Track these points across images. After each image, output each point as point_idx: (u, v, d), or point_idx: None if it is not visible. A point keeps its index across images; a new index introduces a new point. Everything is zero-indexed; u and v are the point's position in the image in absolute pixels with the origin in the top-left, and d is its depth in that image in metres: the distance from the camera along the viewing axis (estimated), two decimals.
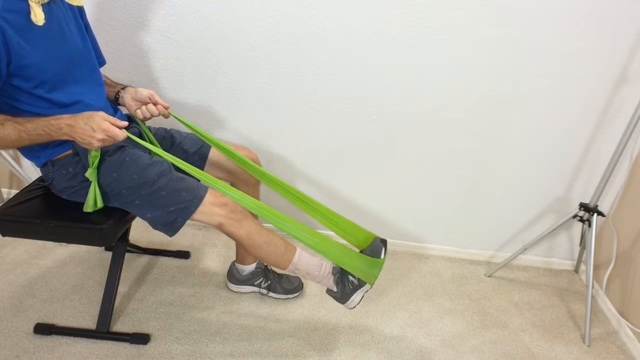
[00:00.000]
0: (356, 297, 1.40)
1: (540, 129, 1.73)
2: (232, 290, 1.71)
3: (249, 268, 1.67)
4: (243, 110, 1.79)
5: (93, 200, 1.25)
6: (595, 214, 1.68)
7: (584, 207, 1.72)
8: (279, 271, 1.72)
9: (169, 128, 1.52)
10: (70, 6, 1.24)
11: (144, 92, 1.33)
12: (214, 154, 1.50)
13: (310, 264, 1.40)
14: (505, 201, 1.91)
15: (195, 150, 1.48)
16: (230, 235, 1.32)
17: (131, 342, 1.45)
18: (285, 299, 1.70)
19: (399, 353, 1.52)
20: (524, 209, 1.93)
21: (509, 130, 1.75)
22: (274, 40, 1.63)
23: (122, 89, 1.39)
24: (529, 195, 1.89)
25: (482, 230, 2.00)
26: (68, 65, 1.20)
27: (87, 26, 1.34)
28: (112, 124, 1.11)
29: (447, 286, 1.87)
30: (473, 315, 1.72)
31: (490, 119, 1.73)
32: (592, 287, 1.73)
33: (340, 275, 1.40)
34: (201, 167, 1.49)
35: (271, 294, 1.69)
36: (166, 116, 1.36)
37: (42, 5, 1.12)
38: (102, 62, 1.41)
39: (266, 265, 1.71)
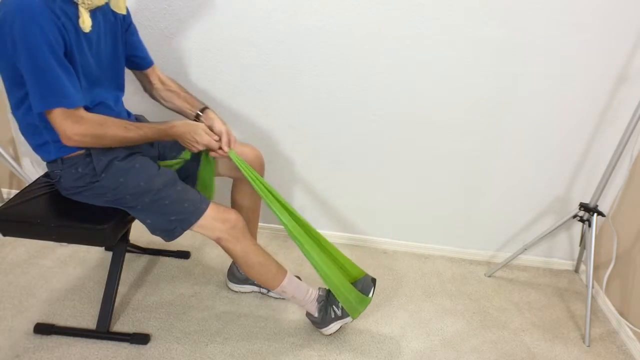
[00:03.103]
0: (335, 326, 1.51)
1: (541, 129, 1.73)
2: (232, 290, 1.71)
3: None
4: (243, 110, 1.79)
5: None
6: (595, 214, 1.68)
7: (584, 207, 1.72)
8: None
9: None
10: (114, 13, 1.27)
11: (221, 128, 1.37)
12: None
13: (297, 289, 1.47)
14: (505, 201, 1.91)
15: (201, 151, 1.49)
16: (226, 250, 1.36)
17: (131, 342, 1.45)
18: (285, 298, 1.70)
19: (399, 353, 1.52)
20: (524, 209, 1.93)
21: (509, 130, 1.75)
22: (274, 40, 1.63)
23: (202, 110, 1.44)
24: (529, 195, 1.89)
25: (482, 230, 2.00)
26: (98, 69, 1.24)
27: (127, 30, 1.35)
28: (211, 137, 1.30)
29: (447, 286, 1.87)
30: (473, 315, 1.72)
31: (490, 119, 1.73)
32: (592, 287, 1.73)
33: (325, 303, 1.49)
34: None
35: (271, 293, 1.68)
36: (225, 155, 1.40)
37: (90, 11, 1.15)
38: (148, 64, 1.45)
39: None
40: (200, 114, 1.44)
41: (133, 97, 1.52)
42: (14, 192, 2.08)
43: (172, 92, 1.49)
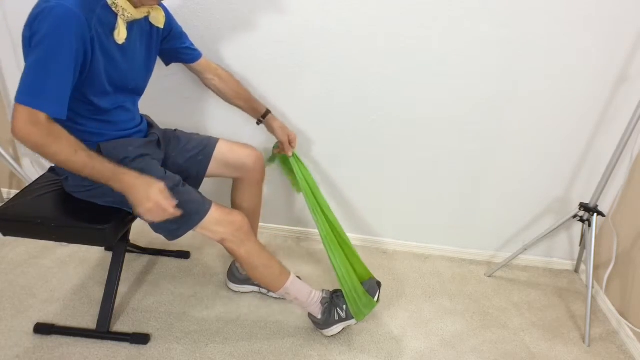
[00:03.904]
0: (337, 327, 1.51)
1: (541, 129, 1.73)
2: (232, 290, 1.71)
3: None
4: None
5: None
6: (595, 214, 1.68)
7: (584, 207, 1.72)
8: None
9: (174, 129, 1.53)
10: (151, 24, 1.28)
11: (282, 129, 1.60)
12: (218, 152, 1.51)
13: (300, 290, 1.47)
14: (505, 201, 1.91)
15: (201, 149, 1.50)
16: (230, 252, 1.36)
17: (131, 342, 1.45)
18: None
19: (399, 353, 1.52)
20: (524, 209, 1.93)
21: (509, 130, 1.75)
22: (274, 40, 1.63)
23: (267, 113, 1.60)
24: (529, 195, 1.89)
25: (482, 230, 2.00)
26: (125, 77, 1.24)
27: (166, 38, 1.37)
28: (167, 204, 1.16)
29: (447, 286, 1.87)
30: (473, 315, 1.72)
31: (490, 119, 1.73)
32: (592, 287, 1.73)
33: (329, 305, 1.49)
34: (206, 166, 1.51)
35: (271, 293, 1.69)
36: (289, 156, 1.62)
37: (127, 23, 1.16)
38: (194, 58, 1.48)
39: None
40: (262, 120, 1.60)
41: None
42: (14, 192, 2.08)
43: (231, 89, 1.55)
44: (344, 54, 1.64)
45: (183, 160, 1.48)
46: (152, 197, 1.14)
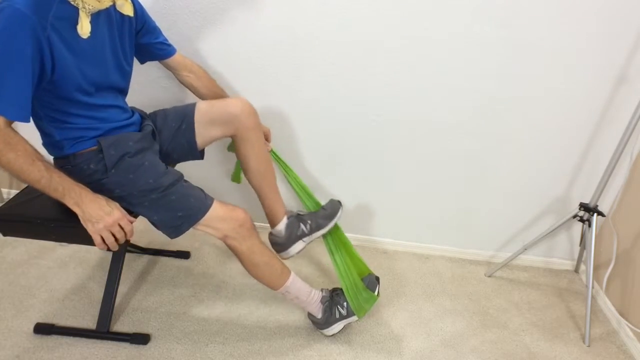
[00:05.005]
0: (338, 326, 1.51)
1: (540, 129, 1.73)
2: (284, 258, 1.54)
3: (282, 224, 1.55)
4: None
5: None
6: (595, 214, 1.68)
7: (584, 207, 1.72)
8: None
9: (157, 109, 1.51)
10: (122, 15, 1.25)
11: (264, 128, 1.58)
12: (199, 113, 1.45)
13: (301, 289, 1.46)
14: (505, 201, 1.91)
15: (182, 119, 1.44)
16: (231, 248, 1.35)
17: (131, 342, 1.45)
18: (331, 227, 1.54)
19: (399, 353, 1.52)
20: (524, 209, 1.93)
21: (509, 130, 1.75)
22: (273, 40, 1.63)
23: None
24: (529, 195, 1.89)
25: (482, 230, 2.00)
26: (102, 72, 1.22)
27: (140, 31, 1.34)
28: (126, 222, 1.20)
29: (447, 286, 1.87)
30: (473, 315, 1.72)
31: (490, 120, 1.73)
32: (592, 287, 1.73)
33: (330, 304, 1.49)
34: (192, 131, 1.44)
35: (319, 232, 1.54)
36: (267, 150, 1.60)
37: (92, 14, 1.13)
38: (168, 53, 1.45)
39: (298, 212, 1.60)
40: None
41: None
42: (14, 192, 2.08)
43: (205, 87, 1.51)
44: (344, 55, 1.64)
45: (170, 137, 1.44)
46: (108, 220, 1.16)
